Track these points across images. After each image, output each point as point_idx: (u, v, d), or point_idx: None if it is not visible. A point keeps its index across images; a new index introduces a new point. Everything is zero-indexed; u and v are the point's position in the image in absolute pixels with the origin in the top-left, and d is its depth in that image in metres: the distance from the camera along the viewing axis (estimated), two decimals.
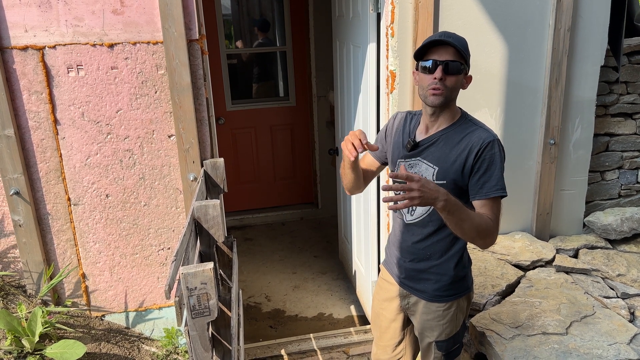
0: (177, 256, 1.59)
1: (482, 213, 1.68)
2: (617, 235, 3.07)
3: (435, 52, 1.69)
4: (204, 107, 2.54)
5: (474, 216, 1.61)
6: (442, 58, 1.67)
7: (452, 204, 1.53)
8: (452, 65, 1.67)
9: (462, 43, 1.70)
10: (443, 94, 1.69)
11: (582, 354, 2.15)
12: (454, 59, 1.67)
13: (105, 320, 2.78)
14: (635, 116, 3.17)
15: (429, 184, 1.50)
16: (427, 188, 1.48)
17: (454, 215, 1.55)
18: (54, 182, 2.53)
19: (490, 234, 1.65)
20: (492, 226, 1.65)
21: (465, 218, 1.57)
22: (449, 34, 1.70)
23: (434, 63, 1.67)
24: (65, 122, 2.46)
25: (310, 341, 3.11)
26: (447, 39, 1.67)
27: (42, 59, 2.36)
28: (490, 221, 1.65)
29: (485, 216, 1.66)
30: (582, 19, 2.80)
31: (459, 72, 1.68)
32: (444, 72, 1.66)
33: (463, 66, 1.69)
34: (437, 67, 1.66)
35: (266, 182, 5.05)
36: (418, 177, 1.48)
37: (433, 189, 1.49)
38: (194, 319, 1.59)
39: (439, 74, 1.66)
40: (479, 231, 1.61)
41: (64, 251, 2.64)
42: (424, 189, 1.47)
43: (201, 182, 2.34)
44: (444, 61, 1.66)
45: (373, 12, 2.70)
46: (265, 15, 4.82)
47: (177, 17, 2.35)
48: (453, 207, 1.54)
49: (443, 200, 1.51)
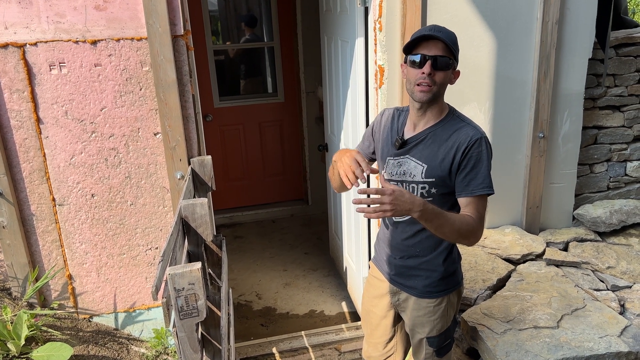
0: (164, 256, 1.56)
1: (464, 213, 1.69)
2: (606, 227, 3.08)
3: (425, 46, 1.66)
4: (190, 103, 2.50)
5: (454, 220, 1.62)
6: (431, 53, 1.65)
7: (428, 213, 1.54)
8: (440, 60, 1.64)
9: (452, 38, 1.68)
10: (431, 90, 1.67)
11: (574, 347, 2.15)
12: (443, 54, 1.65)
13: (93, 321, 2.74)
14: (623, 109, 3.18)
15: (403, 196, 1.49)
16: (399, 201, 1.48)
17: (432, 222, 1.57)
18: (38, 182, 2.48)
19: (474, 234, 1.67)
20: (474, 226, 1.66)
21: (445, 223, 1.59)
22: (439, 28, 1.67)
23: (423, 57, 1.65)
24: (49, 120, 2.41)
25: (301, 339, 3.09)
26: (437, 33, 1.64)
27: (23, 57, 2.31)
28: (472, 221, 1.66)
29: (467, 217, 1.66)
30: (569, 11, 2.79)
31: (447, 67, 1.66)
32: (432, 67, 1.64)
33: (452, 61, 1.67)
34: (425, 62, 1.64)
35: (256, 179, 5.01)
36: (391, 190, 1.47)
37: (407, 201, 1.49)
38: (182, 320, 1.56)
39: (427, 69, 1.64)
40: (460, 234, 1.63)
41: (49, 252, 2.59)
42: (396, 202, 1.47)
43: (188, 180, 2.30)
44: (432, 56, 1.64)
45: (360, 6, 2.68)
46: (253, 11, 4.77)
47: (161, 12, 2.31)
48: (430, 215, 1.55)
49: (418, 211, 1.52)
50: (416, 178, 1.77)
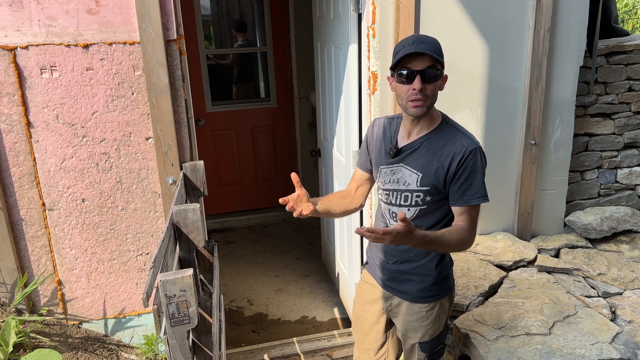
0: (156, 262, 1.55)
1: (457, 223, 1.74)
2: (597, 234, 3.09)
3: (411, 60, 1.63)
4: (182, 108, 2.49)
5: (446, 241, 1.66)
6: (418, 67, 1.62)
7: (424, 243, 1.58)
8: (428, 72, 1.63)
9: (436, 47, 1.65)
10: (425, 104, 1.67)
11: (566, 354, 2.16)
12: (430, 66, 1.63)
13: (83, 328, 2.70)
14: (614, 116, 3.20)
15: (404, 237, 1.47)
16: (398, 240, 1.48)
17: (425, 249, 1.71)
18: (28, 187, 2.46)
19: (466, 243, 1.73)
20: (467, 236, 1.72)
21: (438, 247, 1.71)
22: (422, 40, 1.64)
23: (411, 73, 1.63)
24: (39, 124, 2.39)
25: (293, 345, 3.07)
26: (421, 48, 1.61)
27: (13, 60, 2.29)
28: (464, 231, 1.71)
29: (459, 230, 1.70)
30: (561, 19, 2.81)
31: (436, 78, 1.66)
32: (422, 81, 1.63)
33: (439, 71, 1.66)
34: (415, 77, 1.63)
35: (248, 184, 5.00)
36: (395, 233, 1.44)
37: (405, 239, 1.49)
38: (174, 327, 1.54)
39: (418, 85, 1.62)
40: (452, 249, 1.78)
41: (38, 258, 2.56)
42: (395, 241, 1.48)
43: (180, 185, 2.29)
44: (421, 70, 1.62)
45: (354, 12, 2.68)
46: (246, 16, 4.77)
47: (154, 17, 2.30)
48: (425, 245, 1.60)
49: (413, 244, 1.55)
50: (411, 186, 1.77)
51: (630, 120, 3.22)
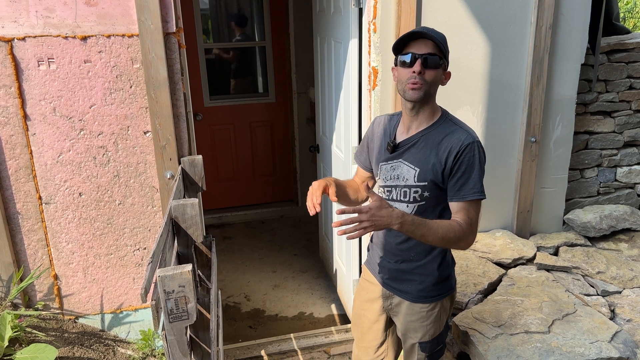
0: (154, 257, 1.53)
1: (454, 218, 1.69)
2: (596, 232, 3.09)
3: (414, 46, 1.66)
4: (181, 102, 2.46)
5: (437, 228, 1.60)
6: (421, 52, 1.64)
7: (408, 224, 1.54)
8: (431, 59, 1.64)
9: (441, 37, 1.68)
10: (422, 88, 1.66)
11: (565, 353, 2.15)
12: (432, 52, 1.64)
13: (79, 322, 2.68)
14: (614, 114, 3.19)
15: (380, 211, 1.49)
16: (377, 216, 1.48)
17: (414, 233, 1.58)
18: (24, 180, 2.43)
19: (464, 239, 1.66)
20: (462, 231, 1.65)
21: (427, 233, 1.59)
22: (428, 28, 1.68)
23: (413, 57, 1.64)
24: (36, 117, 2.36)
25: (290, 341, 3.06)
26: (426, 31, 1.65)
27: (10, 52, 2.26)
28: (460, 227, 1.64)
29: (454, 223, 1.65)
30: (563, 16, 2.80)
31: (437, 66, 1.66)
32: (422, 65, 1.64)
33: (442, 60, 1.67)
34: (416, 61, 1.64)
35: (245, 180, 4.97)
36: (367, 208, 1.48)
37: (385, 215, 1.50)
38: (172, 323, 1.53)
39: (417, 67, 1.63)
40: (445, 241, 1.63)
41: (35, 252, 2.54)
42: (373, 218, 1.48)
43: (178, 180, 2.27)
44: (422, 54, 1.64)
45: (355, 7, 2.66)
46: (244, 10, 4.73)
47: (153, 9, 2.27)
48: (410, 226, 1.55)
49: (398, 224, 1.52)
50: (409, 182, 1.75)
51: (631, 118, 3.21)
